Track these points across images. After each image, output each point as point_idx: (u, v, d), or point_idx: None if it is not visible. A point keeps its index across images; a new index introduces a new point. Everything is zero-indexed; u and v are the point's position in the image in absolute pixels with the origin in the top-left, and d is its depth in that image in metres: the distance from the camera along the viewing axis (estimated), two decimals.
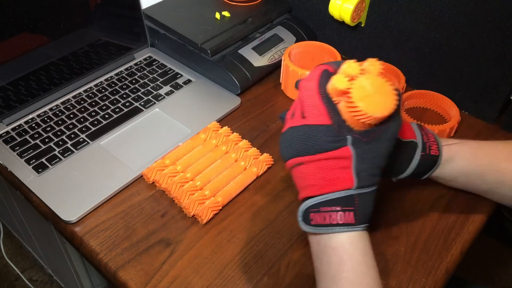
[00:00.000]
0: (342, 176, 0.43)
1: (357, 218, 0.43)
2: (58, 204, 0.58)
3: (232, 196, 0.60)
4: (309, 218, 0.44)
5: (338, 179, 0.43)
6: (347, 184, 0.43)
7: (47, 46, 0.71)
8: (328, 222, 0.43)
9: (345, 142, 0.42)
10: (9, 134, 0.68)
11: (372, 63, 0.43)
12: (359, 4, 0.74)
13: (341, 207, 0.43)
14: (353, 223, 0.42)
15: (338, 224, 0.42)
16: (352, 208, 0.43)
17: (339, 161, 0.42)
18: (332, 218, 0.42)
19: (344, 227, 0.42)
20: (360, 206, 0.43)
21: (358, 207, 0.43)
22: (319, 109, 0.42)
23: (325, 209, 0.43)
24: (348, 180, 0.42)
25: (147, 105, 0.74)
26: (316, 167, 0.43)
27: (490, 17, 0.65)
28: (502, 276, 1.33)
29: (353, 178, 0.42)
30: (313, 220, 0.43)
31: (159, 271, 0.52)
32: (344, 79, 0.41)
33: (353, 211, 0.43)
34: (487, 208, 0.60)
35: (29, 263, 1.41)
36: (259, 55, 0.79)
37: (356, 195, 0.43)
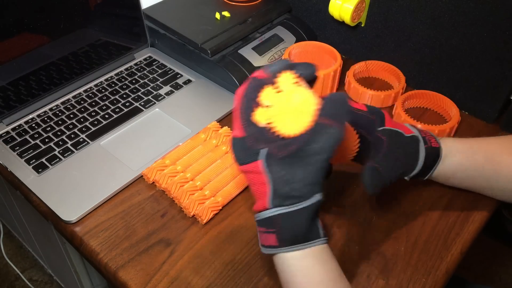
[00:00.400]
0: (261, 194, 0.40)
1: (280, 240, 0.40)
2: (58, 204, 0.58)
3: (232, 196, 0.60)
4: None
5: (260, 195, 0.41)
6: (263, 204, 0.40)
7: (47, 46, 0.71)
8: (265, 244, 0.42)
9: (257, 156, 0.40)
10: (9, 134, 0.68)
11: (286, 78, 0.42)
12: (359, 4, 0.74)
13: (265, 228, 0.41)
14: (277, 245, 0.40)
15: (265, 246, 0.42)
16: (273, 229, 0.40)
17: (255, 176, 0.40)
18: (262, 239, 0.42)
19: (271, 249, 0.41)
20: (283, 227, 0.40)
21: (280, 228, 0.40)
22: (238, 121, 0.41)
23: (259, 229, 0.42)
24: (263, 199, 0.40)
25: (147, 105, 0.74)
26: (246, 179, 0.42)
27: (490, 17, 0.65)
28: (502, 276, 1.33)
29: (268, 197, 0.40)
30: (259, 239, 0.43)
31: (159, 271, 0.52)
32: (272, 92, 0.41)
33: (274, 233, 0.40)
34: (487, 208, 0.60)
35: (29, 263, 1.41)
36: (259, 55, 0.79)
37: (274, 216, 0.40)
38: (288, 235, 0.40)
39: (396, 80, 0.78)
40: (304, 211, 0.40)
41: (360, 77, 0.82)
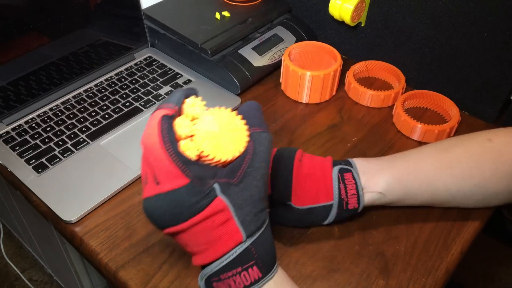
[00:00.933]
0: (227, 232, 0.37)
1: (262, 268, 0.38)
2: (58, 204, 0.58)
3: None
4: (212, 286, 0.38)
5: (225, 236, 0.37)
6: (236, 239, 0.37)
7: (47, 46, 0.71)
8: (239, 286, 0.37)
9: (214, 193, 0.36)
10: (9, 134, 0.68)
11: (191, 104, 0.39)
12: (359, 4, 0.74)
13: (241, 266, 0.37)
14: (261, 276, 0.38)
15: (246, 286, 0.37)
16: (253, 261, 0.37)
17: (216, 217, 0.36)
18: (237, 282, 0.37)
19: (255, 286, 0.38)
20: (259, 253, 0.38)
21: (258, 255, 0.38)
22: (170, 170, 0.35)
23: (226, 275, 0.37)
24: (235, 233, 0.37)
25: (147, 105, 0.74)
26: (195, 232, 0.37)
27: (490, 17, 0.65)
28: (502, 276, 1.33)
29: (239, 229, 0.37)
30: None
31: (159, 271, 0.52)
32: (187, 122, 0.37)
33: (255, 264, 0.37)
34: (487, 208, 0.60)
35: (29, 263, 1.41)
36: (259, 55, 0.79)
37: (250, 245, 0.37)
38: (266, 260, 0.38)
39: (396, 80, 0.78)
40: (269, 228, 0.39)
41: (360, 77, 0.82)
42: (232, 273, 0.37)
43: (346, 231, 0.57)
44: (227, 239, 0.37)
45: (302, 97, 0.76)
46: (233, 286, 0.37)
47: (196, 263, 0.39)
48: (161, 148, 0.35)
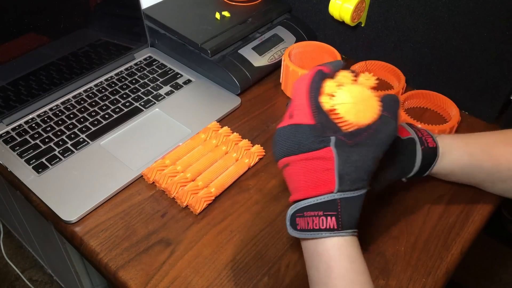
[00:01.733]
0: (324, 178, 0.41)
1: (340, 223, 0.41)
2: (58, 204, 0.58)
3: None
4: (295, 222, 0.43)
5: (320, 182, 0.42)
6: (329, 187, 0.41)
7: (47, 46, 0.71)
8: (311, 227, 0.42)
9: (327, 142, 0.41)
10: (9, 134, 0.68)
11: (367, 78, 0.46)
12: (359, 4, 0.74)
13: (323, 211, 0.41)
14: (336, 228, 0.41)
15: (320, 229, 0.41)
16: (335, 213, 0.41)
17: (321, 162, 0.41)
18: (315, 223, 0.42)
19: (327, 232, 0.41)
20: (343, 210, 0.41)
21: (341, 211, 0.41)
22: (304, 108, 0.42)
23: (309, 213, 0.42)
24: (330, 182, 0.41)
25: (147, 105, 0.74)
26: (301, 168, 0.42)
27: (490, 17, 0.65)
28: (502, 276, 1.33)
29: (335, 181, 0.41)
30: (298, 225, 0.43)
31: (159, 271, 0.52)
32: (333, 85, 0.43)
33: (335, 215, 0.41)
34: (487, 208, 0.60)
35: (29, 263, 1.41)
36: (259, 55, 0.79)
37: (338, 199, 0.41)
38: (347, 219, 0.42)
39: (396, 80, 0.78)
40: (361, 198, 0.43)
41: None
42: (313, 214, 0.42)
43: None
44: (322, 184, 0.42)
45: None
46: (310, 225, 0.42)
47: (292, 199, 0.44)
48: (306, 90, 0.43)
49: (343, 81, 0.45)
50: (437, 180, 0.64)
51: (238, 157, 0.65)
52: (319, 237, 0.42)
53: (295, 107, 0.43)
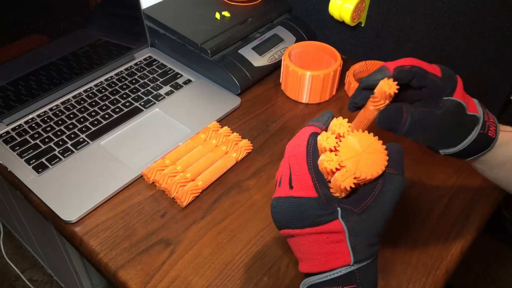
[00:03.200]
0: (337, 252, 0.39)
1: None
2: (58, 204, 0.58)
3: None
4: None
5: (333, 255, 0.39)
6: (343, 260, 0.39)
7: (47, 46, 0.71)
8: None
9: (335, 215, 0.39)
10: (9, 134, 0.68)
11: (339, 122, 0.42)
12: (359, 4, 0.74)
13: (342, 286, 0.39)
14: None
15: None
16: (355, 286, 0.39)
17: (331, 235, 0.39)
18: None
19: None
20: (363, 281, 0.40)
21: (361, 282, 0.39)
22: (304, 180, 0.40)
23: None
24: (344, 255, 0.39)
25: (147, 105, 0.74)
26: (309, 241, 0.40)
27: (490, 17, 0.65)
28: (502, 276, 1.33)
29: (350, 254, 0.39)
30: None
31: (159, 271, 0.52)
32: (332, 137, 0.40)
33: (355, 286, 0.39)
34: (487, 208, 0.60)
35: (29, 263, 1.41)
36: (259, 55, 0.79)
37: (356, 271, 0.39)
38: (368, 284, 0.40)
39: None
40: (377, 261, 0.41)
41: (360, 77, 0.82)
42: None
43: None
44: (336, 258, 0.39)
45: (302, 97, 0.76)
46: None
47: (302, 270, 0.42)
48: (303, 159, 0.40)
49: (339, 131, 0.41)
50: (437, 180, 0.64)
51: (238, 157, 0.65)
52: None
53: (294, 178, 0.40)
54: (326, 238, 0.39)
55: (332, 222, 0.39)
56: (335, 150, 0.39)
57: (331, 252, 0.39)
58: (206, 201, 0.60)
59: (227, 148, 0.66)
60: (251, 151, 0.67)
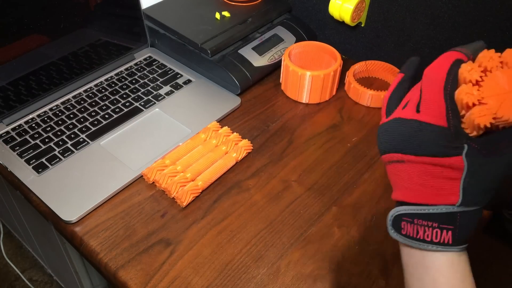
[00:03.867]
0: (447, 188, 0.37)
1: (455, 238, 0.37)
2: (58, 204, 0.58)
3: None
4: (400, 226, 0.39)
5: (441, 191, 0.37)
6: (450, 199, 0.37)
7: (47, 46, 0.71)
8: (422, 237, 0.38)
9: (460, 151, 0.35)
10: (9, 134, 0.68)
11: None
12: (359, 4, 0.74)
13: (438, 224, 0.37)
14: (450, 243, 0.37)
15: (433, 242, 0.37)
16: (452, 227, 0.37)
17: (446, 170, 0.36)
18: (426, 234, 0.38)
19: (440, 246, 0.37)
20: (461, 225, 0.37)
21: (459, 226, 0.37)
22: (437, 106, 0.36)
23: (421, 222, 0.38)
24: (453, 194, 0.37)
25: (147, 105, 0.74)
26: (419, 170, 0.37)
27: (490, 17, 0.65)
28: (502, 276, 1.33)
29: (459, 194, 0.36)
30: (404, 230, 0.39)
31: (159, 271, 0.52)
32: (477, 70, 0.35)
33: (451, 230, 0.37)
34: (486, 207, 0.60)
35: (29, 263, 1.41)
36: (259, 55, 0.79)
37: (459, 213, 0.37)
38: (464, 234, 0.38)
39: None
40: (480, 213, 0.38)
41: (360, 77, 0.82)
42: (427, 223, 0.38)
43: (346, 231, 0.57)
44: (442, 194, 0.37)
45: (302, 97, 0.76)
46: (420, 234, 0.38)
47: (396, 198, 0.40)
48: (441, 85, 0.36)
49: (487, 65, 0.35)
50: None
51: (238, 157, 0.65)
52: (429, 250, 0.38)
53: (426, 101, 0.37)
54: (441, 172, 0.37)
55: (454, 157, 0.35)
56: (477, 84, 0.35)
57: (439, 187, 0.37)
58: (206, 201, 0.60)
59: (227, 148, 0.66)
60: (251, 151, 0.67)
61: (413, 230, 0.38)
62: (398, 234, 0.39)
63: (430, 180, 0.37)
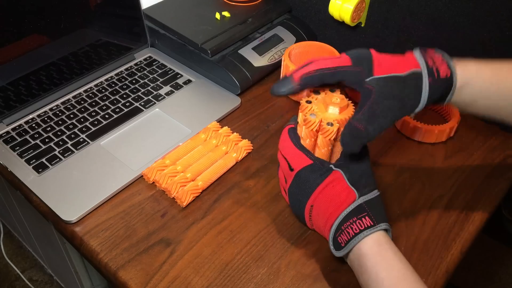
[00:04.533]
0: (345, 194, 0.48)
1: (373, 218, 0.46)
2: (58, 204, 0.58)
3: None
4: (338, 242, 0.48)
5: (342, 198, 0.48)
6: (351, 197, 0.47)
7: (47, 46, 0.71)
8: (352, 234, 0.46)
9: (331, 169, 0.49)
10: (9, 134, 0.68)
11: None
12: (359, 4, 0.74)
13: (355, 217, 0.47)
14: (372, 225, 0.46)
15: (360, 231, 0.46)
16: (365, 213, 0.47)
17: (334, 183, 0.48)
18: (354, 228, 0.46)
19: (366, 231, 0.46)
20: (371, 210, 0.47)
21: (369, 211, 0.47)
22: (299, 155, 0.50)
23: (345, 225, 0.47)
24: (350, 193, 0.48)
25: (147, 105, 0.74)
26: (323, 198, 0.49)
27: (490, 17, 0.65)
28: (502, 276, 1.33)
29: (353, 190, 0.48)
30: (341, 242, 0.47)
31: (159, 271, 0.52)
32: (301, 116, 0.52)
33: (367, 215, 0.46)
34: (487, 208, 0.60)
35: (29, 263, 1.41)
36: (259, 55, 0.79)
37: (363, 203, 0.47)
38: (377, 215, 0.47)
39: None
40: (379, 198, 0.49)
41: None
42: (349, 222, 0.47)
43: None
44: (344, 199, 0.47)
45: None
46: (351, 233, 0.46)
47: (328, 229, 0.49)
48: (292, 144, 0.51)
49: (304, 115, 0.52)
50: (437, 180, 0.64)
51: (238, 157, 0.65)
52: (361, 239, 0.46)
53: (291, 160, 0.51)
54: (332, 188, 0.48)
55: (332, 173, 0.49)
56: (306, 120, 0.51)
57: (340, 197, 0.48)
58: (206, 201, 0.60)
59: (227, 148, 0.66)
60: (251, 151, 0.67)
61: (346, 234, 0.47)
62: (341, 249, 0.48)
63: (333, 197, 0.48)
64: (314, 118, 0.51)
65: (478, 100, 0.49)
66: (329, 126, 0.50)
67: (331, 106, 0.51)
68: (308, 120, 0.51)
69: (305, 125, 0.51)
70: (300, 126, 0.53)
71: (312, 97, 0.53)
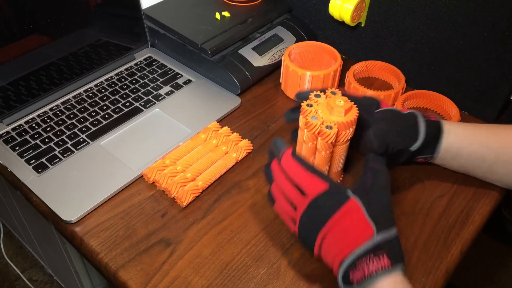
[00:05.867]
0: (362, 227, 0.43)
1: (392, 257, 0.43)
2: (58, 204, 0.58)
3: None
4: (349, 280, 0.43)
5: (359, 231, 0.43)
6: (369, 233, 0.43)
7: (47, 46, 0.71)
8: (368, 273, 0.42)
9: (348, 194, 0.45)
10: (9, 134, 0.68)
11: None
12: (359, 4, 0.74)
13: (373, 253, 0.43)
14: (390, 265, 0.42)
15: (377, 273, 0.42)
16: (384, 250, 0.43)
17: (351, 214, 0.44)
18: (370, 268, 0.42)
19: (382, 272, 0.42)
20: (389, 248, 0.43)
21: (388, 249, 0.43)
22: (313, 179, 0.46)
23: (360, 261, 0.43)
24: (368, 228, 0.43)
25: (147, 105, 0.74)
26: (337, 231, 0.44)
27: (490, 17, 0.65)
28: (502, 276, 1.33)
29: (371, 225, 0.43)
30: (353, 280, 0.43)
31: (159, 271, 0.52)
32: (302, 120, 0.53)
33: (385, 252, 0.43)
34: (487, 208, 0.60)
35: (29, 263, 1.41)
36: (259, 55, 0.79)
37: (381, 241, 0.43)
38: (396, 254, 0.43)
39: (396, 80, 0.78)
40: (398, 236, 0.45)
41: (360, 77, 0.82)
42: (365, 259, 0.42)
43: None
44: (361, 233, 0.43)
45: None
46: (366, 272, 0.42)
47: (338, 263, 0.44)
48: (302, 169, 0.47)
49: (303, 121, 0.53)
50: (437, 180, 0.64)
51: (238, 157, 0.65)
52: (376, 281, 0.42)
53: (303, 185, 0.46)
54: (349, 220, 0.44)
55: (348, 201, 0.44)
56: (307, 123, 0.52)
57: (357, 230, 0.43)
58: (206, 201, 0.60)
59: (227, 148, 0.66)
60: (251, 151, 0.67)
61: (361, 273, 0.43)
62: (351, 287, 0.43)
63: (348, 230, 0.44)
64: (315, 121, 0.51)
65: (462, 148, 0.57)
66: (328, 129, 0.51)
67: (335, 108, 0.51)
68: (310, 123, 0.51)
69: (306, 128, 0.51)
70: (302, 129, 0.53)
71: (313, 100, 0.53)
